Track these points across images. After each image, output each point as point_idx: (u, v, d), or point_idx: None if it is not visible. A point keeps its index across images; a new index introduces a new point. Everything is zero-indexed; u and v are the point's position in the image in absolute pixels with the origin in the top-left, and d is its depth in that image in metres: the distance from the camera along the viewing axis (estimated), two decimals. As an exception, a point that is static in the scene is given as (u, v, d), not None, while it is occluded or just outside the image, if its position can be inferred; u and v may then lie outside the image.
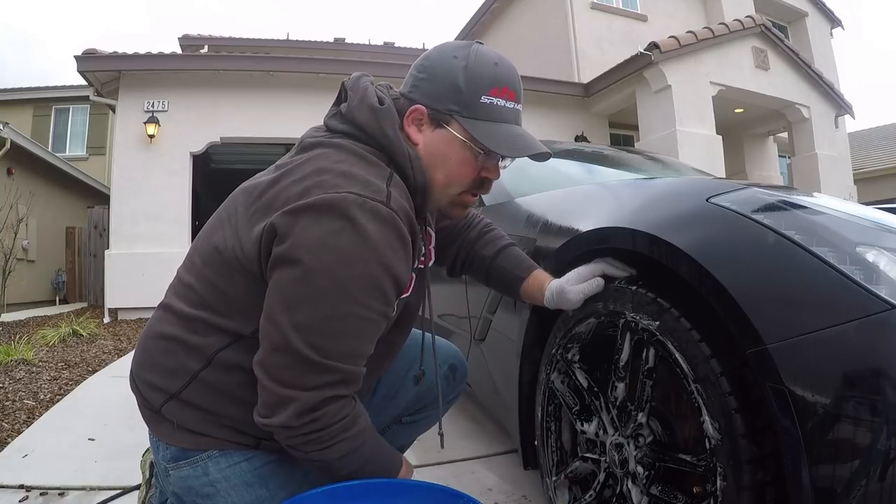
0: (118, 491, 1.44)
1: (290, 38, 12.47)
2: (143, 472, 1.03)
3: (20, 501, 1.42)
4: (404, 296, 0.81)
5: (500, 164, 0.85)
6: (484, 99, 0.77)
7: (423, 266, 0.90)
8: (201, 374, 0.76)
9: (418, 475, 0.84)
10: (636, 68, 6.65)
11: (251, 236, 0.71)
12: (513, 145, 0.79)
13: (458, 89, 0.77)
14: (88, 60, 5.79)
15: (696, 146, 6.35)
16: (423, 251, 0.88)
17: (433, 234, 0.97)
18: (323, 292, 0.66)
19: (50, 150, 9.17)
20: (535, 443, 1.14)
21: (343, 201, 0.67)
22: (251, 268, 0.71)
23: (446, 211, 0.89)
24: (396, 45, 13.39)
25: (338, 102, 0.84)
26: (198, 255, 0.80)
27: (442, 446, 0.99)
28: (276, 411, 0.68)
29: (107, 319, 5.69)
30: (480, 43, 0.81)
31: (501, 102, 0.78)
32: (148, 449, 1.03)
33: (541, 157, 0.81)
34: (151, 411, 0.80)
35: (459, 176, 0.81)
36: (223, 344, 0.75)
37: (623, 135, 8.13)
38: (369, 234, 0.67)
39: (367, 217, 0.67)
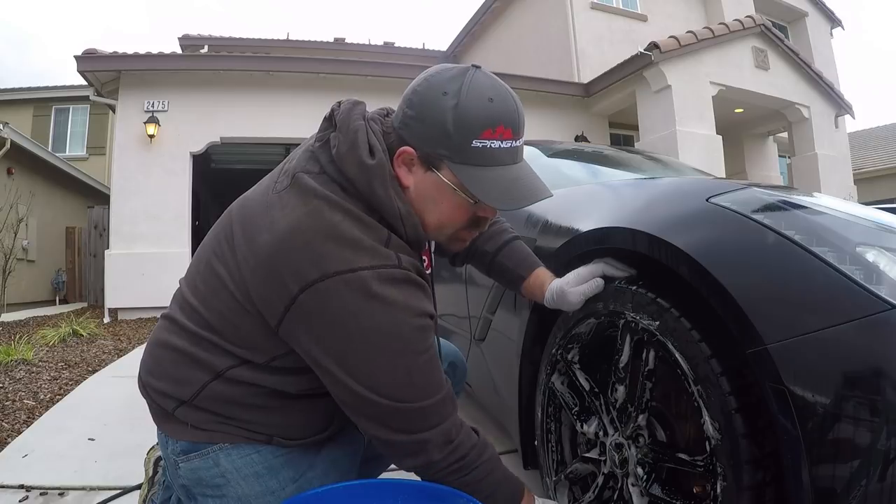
0: (118, 491, 1.44)
1: (291, 38, 12.47)
2: (146, 470, 1.04)
3: (20, 501, 1.42)
4: None
5: None
6: (476, 143, 0.71)
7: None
8: (211, 384, 0.76)
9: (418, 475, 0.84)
10: (636, 68, 6.65)
11: (271, 307, 0.70)
12: (505, 195, 0.74)
13: (447, 133, 0.71)
14: (88, 60, 5.79)
15: (696, 146, 6.36)
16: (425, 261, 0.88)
17: (433, 241, 0.96)
18: (391, 366, 0.70)
19: (50, 150, 9.15)
20: (535, 443, 1.14)
21: (360, 281, 0.67)
22: (271, 323, 0.72)
23: (445, 246, 0.88)
24: (396, 45, 13.40)
25: (329, 121, 0.79)
26: (201, 279, 0.79)
27: None
28: (417, 455, 0.73)
29: (107, 319, 5.68)
30: (477, 67, 0.75)
31: (496, 144, 0.72)
32: (153, 447, 1.03)
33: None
34: (163, 413, 0.81)
35: (452, 219, 0.79)
36: (233, 363, 0.76)
37: (623, 135, 8.13)
38: (396, 301, 0.69)
39: (386, 287, 0.69)
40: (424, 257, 0.92)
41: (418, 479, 0.77)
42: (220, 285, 0.75)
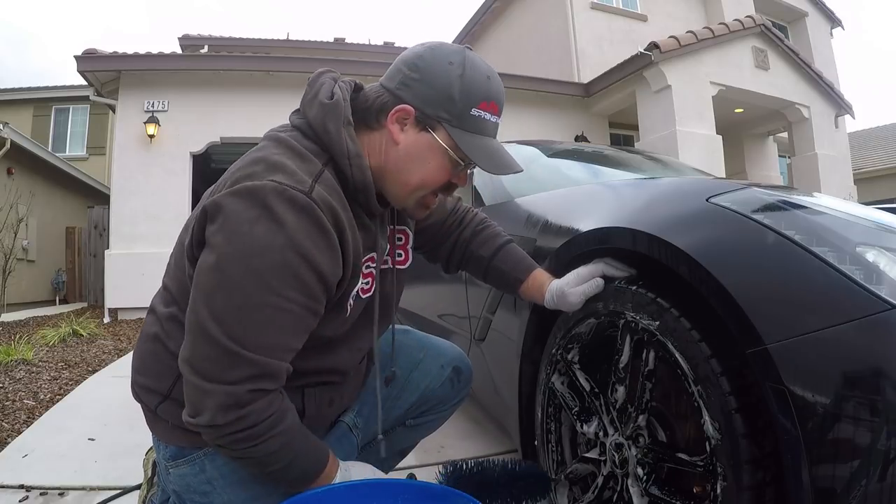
0: (118, 491, 1.44)
1: (290, 38, 12.46)
2: (145, 471, 1.04)
3: (20, 501, 1.42)
4: (365, 296, 0.83)
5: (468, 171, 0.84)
6: (474, 111, 0.77)
7: (401, 266, 0.93)
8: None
9: (419, 475, 0.84)
10: (636, 68, 6.65)
11: (190, 223, 0.74)
12: (494, 161, 0.79)
13: (452, 98, 0.76)
14: (88, 60, 5.78)
15: (696, 146, 6.35)
16: (387, 250, 0.89)
17: (411, 234, 0.97)
18: (236, 280, 0.66)
19: (50, 150, 9.14)
20: (535, 443, 1.14)
21: (261, 189, 0.67)
22: (194, 255, 0.73)
23: (411, 212, 0.89)
24: (396, 44, 13.40)
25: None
26: (172, 257, 0.83)
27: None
28: (200, 409, 0.67)
29: (107, 319, 5.69)
30: (469, 48, 0.81)
31: (487, 116, 0.79)
32: (151, 448, 1.04)
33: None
34: (151, 413, 0.83)
35: (434, 180, 0.81)
36: None
37: (623, 135, 8.12)
38: (285, 223, 0.66)
39: (283, 206, 0.67)
40: (401, 252, 0.94)
41: (423, 479, 0.77)
42: (180, 251, 0.78)
